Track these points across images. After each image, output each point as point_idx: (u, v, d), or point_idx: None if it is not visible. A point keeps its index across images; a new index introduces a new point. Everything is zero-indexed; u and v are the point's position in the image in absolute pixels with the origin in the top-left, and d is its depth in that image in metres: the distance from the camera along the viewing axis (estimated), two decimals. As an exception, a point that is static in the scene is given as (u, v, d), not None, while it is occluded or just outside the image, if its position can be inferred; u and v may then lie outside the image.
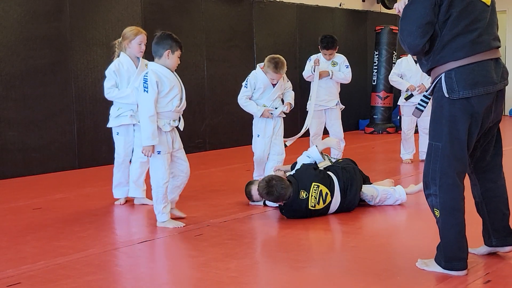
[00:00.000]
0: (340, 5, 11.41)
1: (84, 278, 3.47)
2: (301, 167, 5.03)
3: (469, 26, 3.20)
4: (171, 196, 4.66)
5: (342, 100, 7.18)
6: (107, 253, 3.97)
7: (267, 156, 5.80)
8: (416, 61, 6.85)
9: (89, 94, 7.62)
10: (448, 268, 3.33)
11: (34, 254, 3.96)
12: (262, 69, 5.67)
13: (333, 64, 7.03)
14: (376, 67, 11.32)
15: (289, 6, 10.34)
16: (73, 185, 6.52)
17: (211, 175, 6.93)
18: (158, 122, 4.42)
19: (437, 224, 3.35)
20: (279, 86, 5.74)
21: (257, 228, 4.69)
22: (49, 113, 7.31)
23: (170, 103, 4.47)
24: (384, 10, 12.39)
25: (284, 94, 5.85)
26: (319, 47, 7.01)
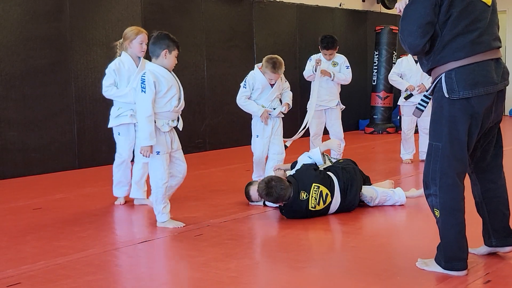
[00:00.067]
0: (340, 5, 11.41)
1: (84, 278, 3.47)
2: (301, 168, 5.03)
3: (470, 26, 3.20)
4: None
5: (342, 100, 7.18)
6: (107, 253, 3.97)
7: (266, 157, 5.80)
8: (417, 61, 6.87)
9: (89, 94, 7.62)
10: (448, 268, 3.33)
11: (34, 254, 3.96)
12: (260, 70, 5.67)
13: (334, 64, 7.03)
14: (376, 67, 11.31)
15: (289, 6, 10.33)
16: (73, 185, 6.52)
17: (211, 175, 6.93)
18: (157, 123, 4.41)
19: (437, 224, 3.35)
20: (277, 87, 5.74)
21: (257, 228, 4.69)
22: (49, 113, 7.30)
23: (169, 103, 4.46)
24: (384, 10, 12.38)
25: (282, 95, 5.85)
26: (319, 47, 7.01)
